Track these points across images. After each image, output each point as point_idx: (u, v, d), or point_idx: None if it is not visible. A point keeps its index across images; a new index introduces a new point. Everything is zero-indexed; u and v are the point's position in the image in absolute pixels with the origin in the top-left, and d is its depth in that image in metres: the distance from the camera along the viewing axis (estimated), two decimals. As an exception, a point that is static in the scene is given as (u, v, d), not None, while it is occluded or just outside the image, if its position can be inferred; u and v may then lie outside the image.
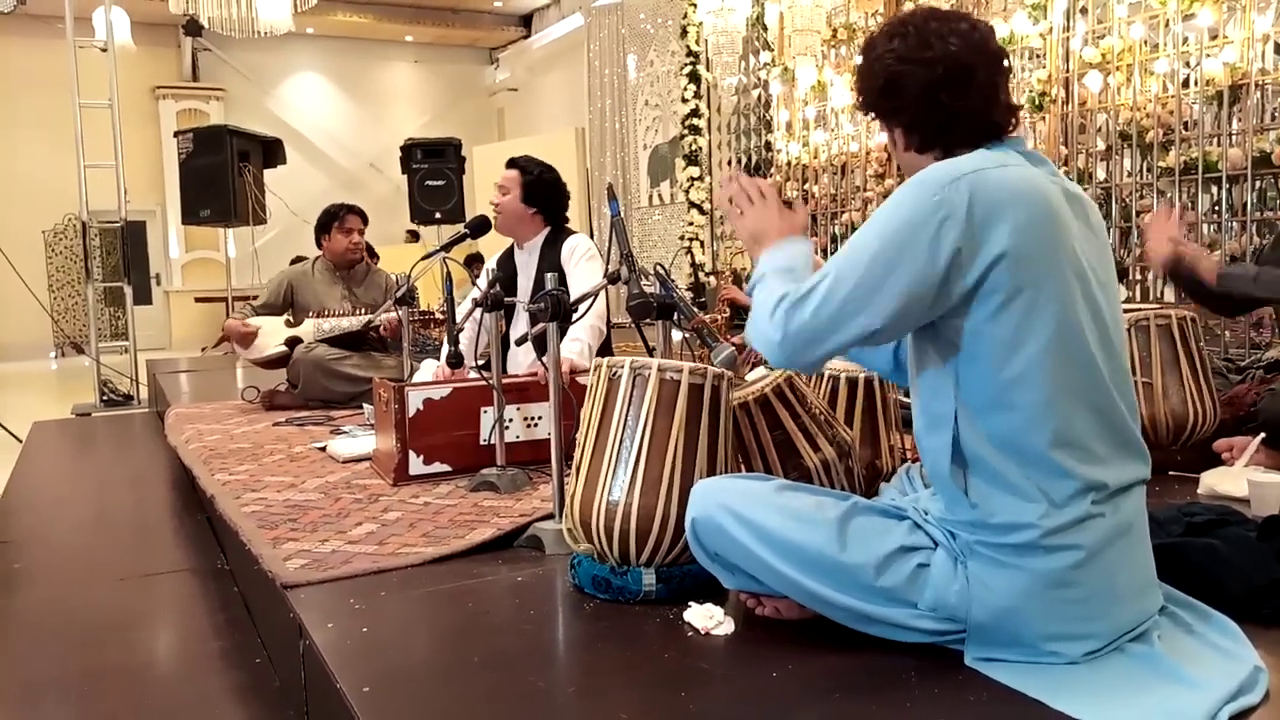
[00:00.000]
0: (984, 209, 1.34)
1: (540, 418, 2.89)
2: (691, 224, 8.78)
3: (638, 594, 1.76)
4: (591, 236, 10.27)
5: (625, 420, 1.75)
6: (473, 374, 3.09)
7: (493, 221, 3.40)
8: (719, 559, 1.59)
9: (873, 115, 1.58)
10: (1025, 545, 1.37)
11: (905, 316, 1.39)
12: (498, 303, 2.65)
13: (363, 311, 4.39)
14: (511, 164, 3.48)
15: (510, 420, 2.83)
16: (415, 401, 2.79)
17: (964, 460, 1.41)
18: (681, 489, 1.70)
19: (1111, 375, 1.40)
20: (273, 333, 4.42)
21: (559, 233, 3.49)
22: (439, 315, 3.94)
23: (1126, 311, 2.60)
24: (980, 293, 1.36)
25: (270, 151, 7.86)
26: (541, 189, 3.43)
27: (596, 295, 2.37)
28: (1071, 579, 1.37)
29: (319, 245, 4.60)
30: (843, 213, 7.12)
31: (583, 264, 3.36)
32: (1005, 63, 1.50)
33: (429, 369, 3.38)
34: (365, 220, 4.60)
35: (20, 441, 5.07)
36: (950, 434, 1.41)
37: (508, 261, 3.57)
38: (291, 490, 2.75)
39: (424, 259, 3.38)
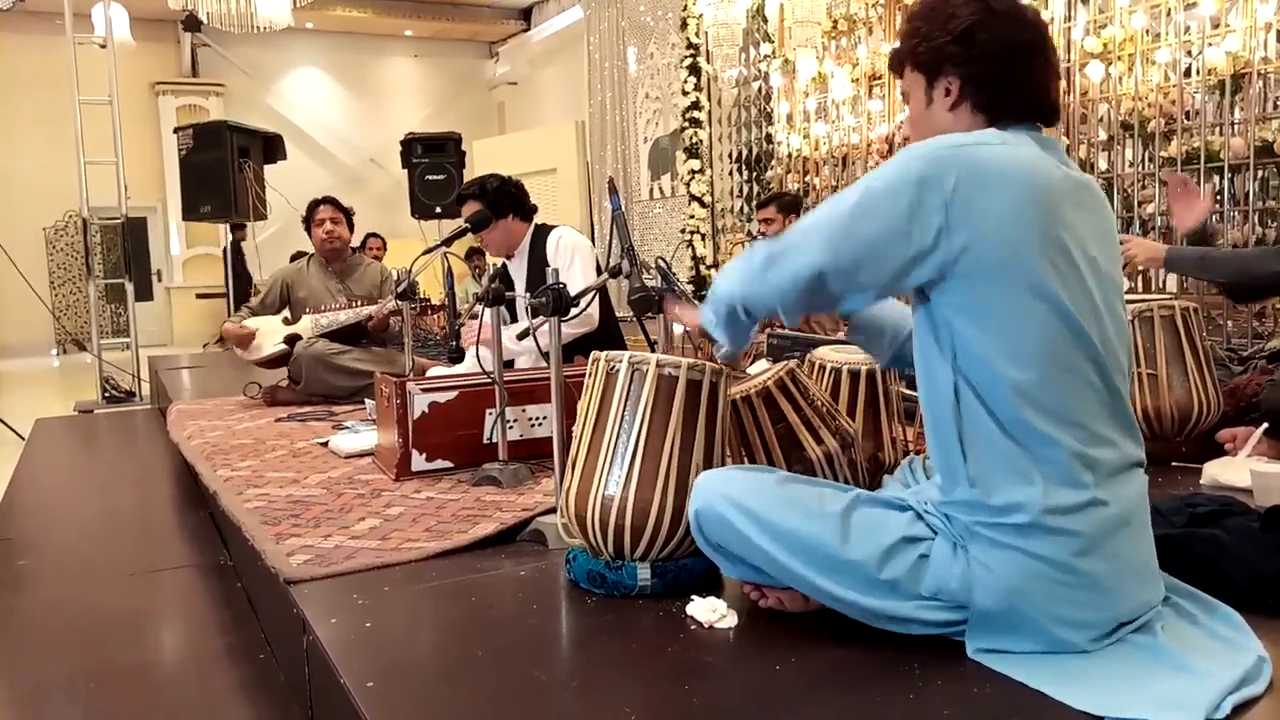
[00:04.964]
0: (972, 183, 1.33)
1: (544, 418, 2.88)
2: (692, 217, 8.76)
3: (632, 589, 1.75)
4: (592, 230, 10.26)
5: (622, 415, 1.74)
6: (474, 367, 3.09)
7: (488, 254, 3.55)
8: (721, 550, 1.59)
9: (910, 61, 1.50)
10: (1024, 526, 1.36)
11: (863, 269, 1.39)
12: (498, 298, 2.65)
13: (358, 304, 4.38)
14: (460, 199, 3.62)
15: (514, 421, 2.82)
16: (421, 405, 2.78)
17: (962, 439, 1.41)
18: (677, 484, 1.69)
19: (1109, 358, 1.39)
20: (271, 332, 4.41)
21: (540, 232, 3.64)
22: (435, 302, 3.97)
23: (1130, 302, 2.59)
24: (963, 268, 1.35)
25: (270, 147, 7.84)
26: (499, 197, 3.54)
27: (596, 291, 2.36)
28: (1073, 566, 1.36)
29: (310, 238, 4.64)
30: (844, 205, 7.10)
31: (567, 257, 3.52)
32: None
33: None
34: (340, 209, 4.57)
35: (23, 439, 5.07)
36: (948, 412, 1.41)
37: (504, 275, 3.74)
38: (294, 486, 2.75)
39: (425, 253, 3.38)
